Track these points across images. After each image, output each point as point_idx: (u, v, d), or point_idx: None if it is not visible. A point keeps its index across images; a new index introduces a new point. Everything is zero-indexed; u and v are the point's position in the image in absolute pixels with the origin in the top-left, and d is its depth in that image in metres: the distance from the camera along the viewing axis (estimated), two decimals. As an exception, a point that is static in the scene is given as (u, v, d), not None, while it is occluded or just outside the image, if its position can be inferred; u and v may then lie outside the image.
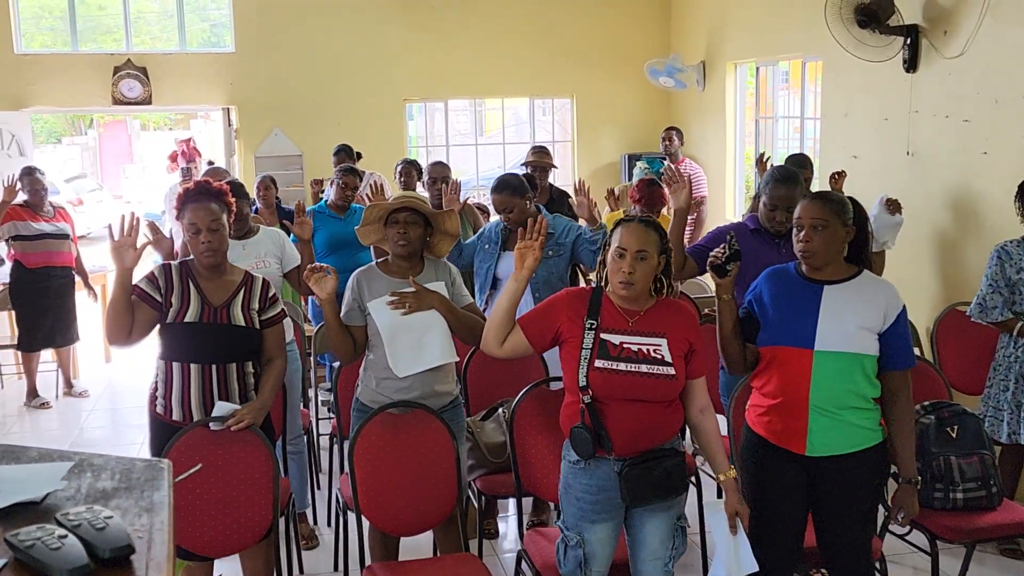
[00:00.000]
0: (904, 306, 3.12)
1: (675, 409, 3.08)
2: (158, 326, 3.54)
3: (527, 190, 4.62)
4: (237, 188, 4.48)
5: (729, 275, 3.15)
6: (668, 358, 2.98)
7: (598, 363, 2.99)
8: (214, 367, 3.51)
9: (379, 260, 3.79)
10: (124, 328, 3.46)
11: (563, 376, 3.14)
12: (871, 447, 3.11)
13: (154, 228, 4.27)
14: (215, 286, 3.57)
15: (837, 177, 5.59)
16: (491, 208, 5.37)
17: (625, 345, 2.99)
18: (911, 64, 5.79)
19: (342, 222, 6.01)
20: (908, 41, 5.74)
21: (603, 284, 3.11)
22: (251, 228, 4.63)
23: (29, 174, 6.78)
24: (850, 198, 3.22)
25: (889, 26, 5.67)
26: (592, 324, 3.02)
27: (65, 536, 1.13)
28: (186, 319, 3.48)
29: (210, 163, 8.43)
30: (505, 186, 4.58)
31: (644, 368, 2.96)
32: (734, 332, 3.23)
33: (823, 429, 3.07)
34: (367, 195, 4.99)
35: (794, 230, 3.15)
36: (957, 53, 5.46)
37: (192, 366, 3.50)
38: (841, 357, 3.04)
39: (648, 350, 2.98)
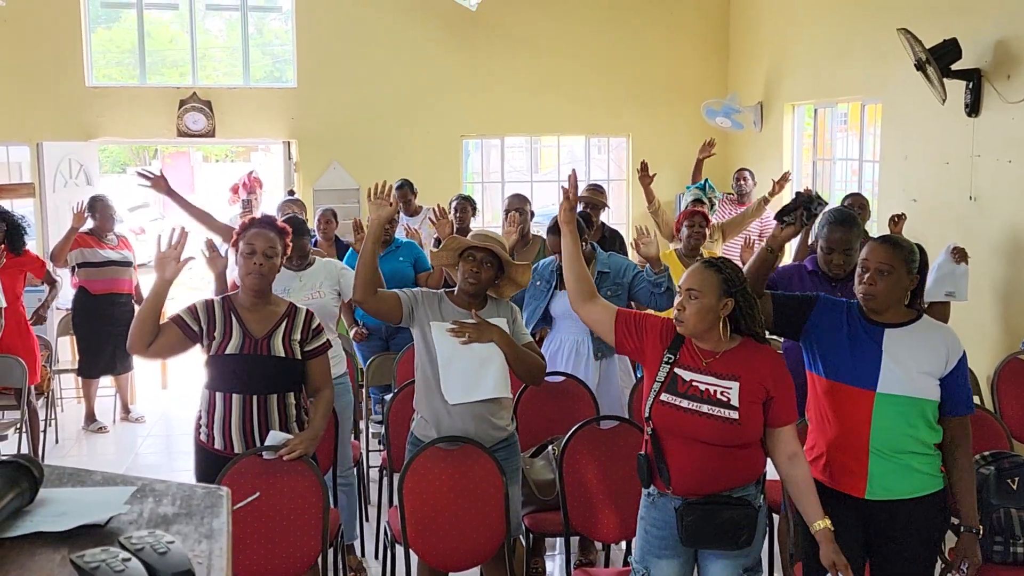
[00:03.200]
0: (964, 352, 3.07)
1: (749, 456, 2.99)
2: (204, 358, 3.62)
3: (584, 231, 4.65)
4: (298, 224, 4.57)
5: (788, 226, 3.28)
6: (735, 402, 2.91)
7: (664, 396, 2.98)
8: (255, 397, 3.56)
9: (447, 290, 3.84)
10: (145, 338, 3.51)
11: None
12: (931, 493, 3.06)
13: (211, 246, 4.31)
14: (257, 317, 3.63)
15: (897, 220, 5.46)
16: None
17: (694, 383, 2.96)
18: (973, 108, 5.72)
19: (382, 258, 6.05)
20: (970, 85, 5.68)
21: None
22: (309, 260, 4.71)
23: (100, 201, 6.99)
24: (917, 245, 3.18)
25: (950, 70, 5.62)
26: (670, 358, 3.02)
27: (128, 559, 1.15)
28: (227, 351, 3.54)
29: (290, 192, 8.51)
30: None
31: (705, 408, 2.92)
32: (758, 280, 3.26)
33: (883, 473, 3.02)
34: (430, 219, 5.07)
35: (858, 270, 3.11)
36: (1021, 97, 5.39)
37: (234, 396, 3.56)
38: (903, 401, 2.99)
39: (715, 391, 2.93)
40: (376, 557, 4.75)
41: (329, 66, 9.10)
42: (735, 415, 2.91)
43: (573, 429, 3.83)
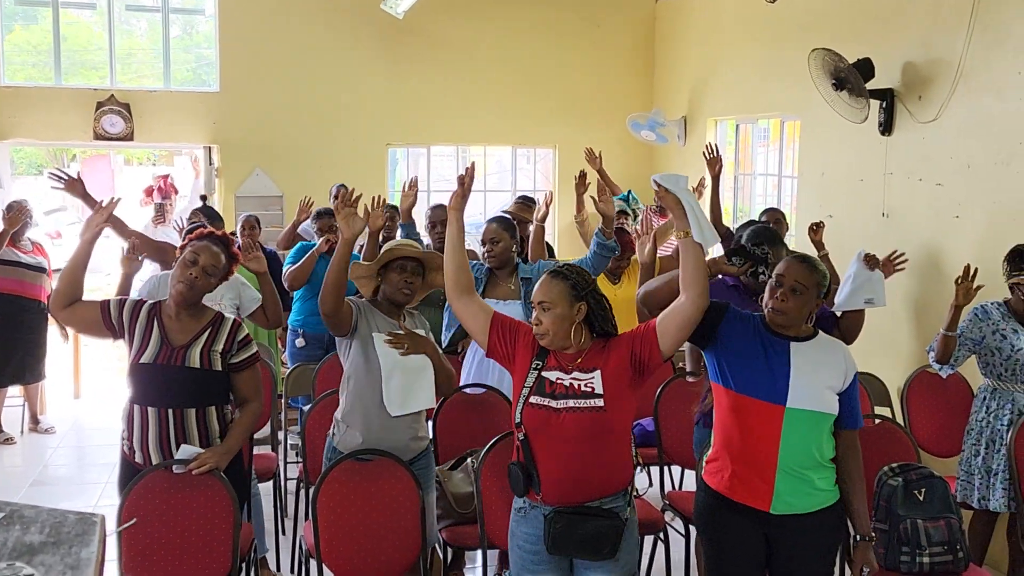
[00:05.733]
0: (856, 367, 3.19)
1: (616, 459, 3.07)
2: (127, 367, 3.52)
3: (515, 234, 4.71)
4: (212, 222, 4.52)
5: (731, 266, 3.61)
6: (599, 389, 3.00)
7: (533, 399, 3.04)
8: (171, 411, 3.46)
9: (368, 299, 3.80)
10: (63, 295, 3.52)
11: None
12: (829, 506, 3.14)
13: (134, 247, 4.33)
14: (180, 326, 3.54)
15: (817, 228, 5.48)
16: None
17: (559, 381, 3.04)
18: (886, 127, 5.87)
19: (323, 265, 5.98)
20: (883, 105, 5.83)
21: None
22: None
23: (17, 204, 6.80)
24: None
25: (865, 89, 5.75)
26: (538, 364, 3.09)
27: (-21, 595, 1.09)
28: (142, 360, 3.46)
29: (203, 198, 8.35)
30: (500, 219, 4.74)
31: (572, 403, 3.00)
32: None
33: (788, 489, 3.07)
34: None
35: (771, 283, 3.17)
36: (931, 118, 5.55)
37: (150, 409, 3.47)
38: (810, 416, 3.06)
39: (579, 385, 3.02)
40: (292, 572, 4.67)
41: (253, 71, 8.96)
42: (600, 402, 2.99)
43: (492, 442, 3.82)
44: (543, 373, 3.06)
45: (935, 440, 4.95)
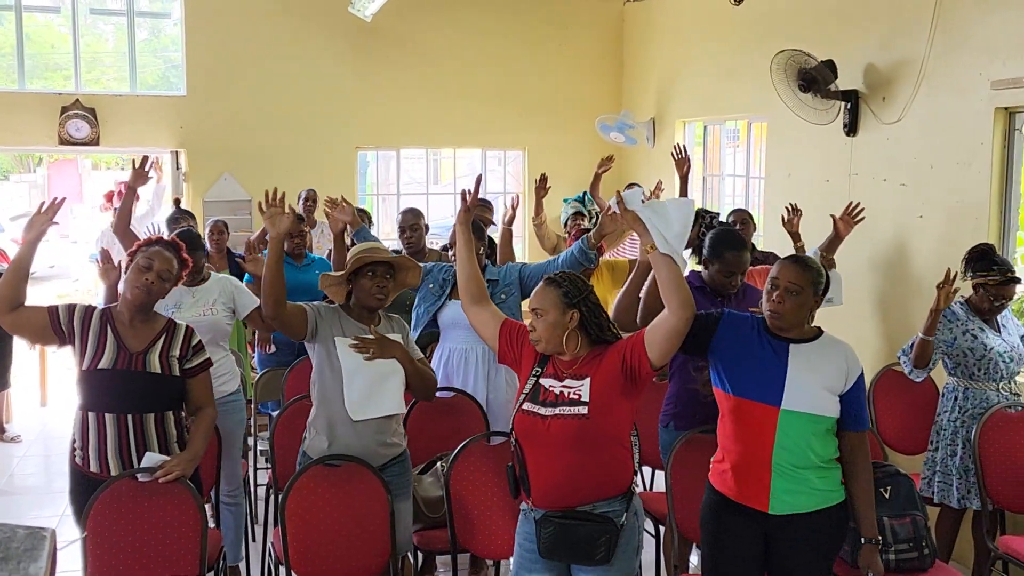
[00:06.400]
0: (862, 368, 3.18)
1: (609, 464, 3.06)
2: (76, 374, 3.48)
3: (483, 237, 4.69)
4: (193, 239, 4.43)
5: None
6: (585, 397, 3.01)
7: (525, 406, 3.07)
8: (130, 417, 3.43)
9: (342, 305, 3.78)
10: (5, 298, 3.43)
11: None
12: (831, 507, 3.15)
13: (106, 256, 4.20)
14: (134, 332, 3.51)
15: (792, 216, 5.40)
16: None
17: (551, 389, 3.06)
18: (851, 128, 5.93)
19: (297, 270, 5.95)
20: (848, 106, 5.88)
21: None
22: (203, 276, 4.57)
23: None
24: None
25: (830, 91, 5.81)
26: (538, 371, 3.12)
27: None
28: (100, 366, 3.42)
29: (176, 201, 8.29)
30: None
31: (558, 411, 3.01)
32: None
33: (785, 489, 3.09)
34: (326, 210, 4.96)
35: (766, 287, 3.18)
36: (895, 119, 5.60)
37: (107, 416, 3.43)
38: (806, 418, 3.07)
39: (567, 393, 3.04)
40: (262, 578, 4.64)
41: (220, 75, 8.90)
42: (584, 410, 2.99)
43: (461, 445, 3.82)
44: (541, 380, 3.10)
45: (901, 438, 4.99)
